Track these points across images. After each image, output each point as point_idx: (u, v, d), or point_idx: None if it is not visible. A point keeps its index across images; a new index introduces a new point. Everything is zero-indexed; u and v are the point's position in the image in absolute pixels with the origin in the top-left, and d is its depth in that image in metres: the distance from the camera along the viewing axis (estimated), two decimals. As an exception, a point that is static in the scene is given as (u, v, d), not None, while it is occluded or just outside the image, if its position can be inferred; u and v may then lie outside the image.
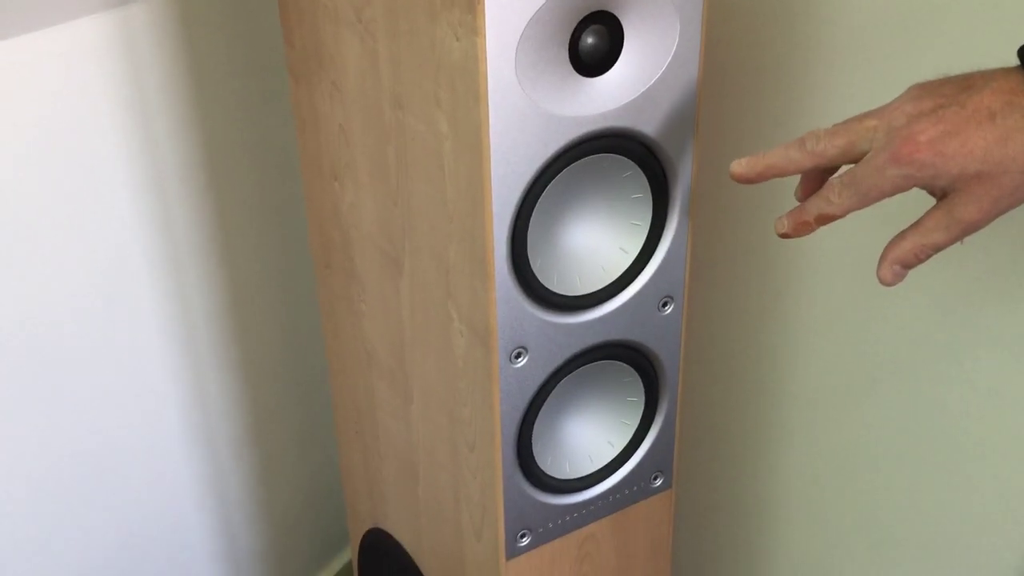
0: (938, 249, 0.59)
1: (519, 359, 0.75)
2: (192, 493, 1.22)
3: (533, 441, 0.79)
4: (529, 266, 0.72)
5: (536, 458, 0.80)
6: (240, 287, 1.18)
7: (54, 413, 1.02)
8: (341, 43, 0.82)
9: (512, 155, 0.67)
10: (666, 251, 0.78)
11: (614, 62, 0.68)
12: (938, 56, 0.80)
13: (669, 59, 0.70)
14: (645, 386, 0.84)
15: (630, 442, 0.86)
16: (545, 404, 0.79)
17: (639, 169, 0.74)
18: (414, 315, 0.85)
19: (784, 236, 0.65)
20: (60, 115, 0.94)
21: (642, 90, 0.70)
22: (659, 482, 0.89)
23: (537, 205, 0.70)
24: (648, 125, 0.71)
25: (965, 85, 0.56)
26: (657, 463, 0.88)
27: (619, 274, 0.77)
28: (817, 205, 0.62)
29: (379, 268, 0.89)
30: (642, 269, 0.78)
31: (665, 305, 0.80)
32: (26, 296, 0.96)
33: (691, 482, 1.21)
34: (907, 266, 0.61)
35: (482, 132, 0.66)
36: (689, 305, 0.82)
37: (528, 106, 0.66)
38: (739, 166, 0.64)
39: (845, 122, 0.61)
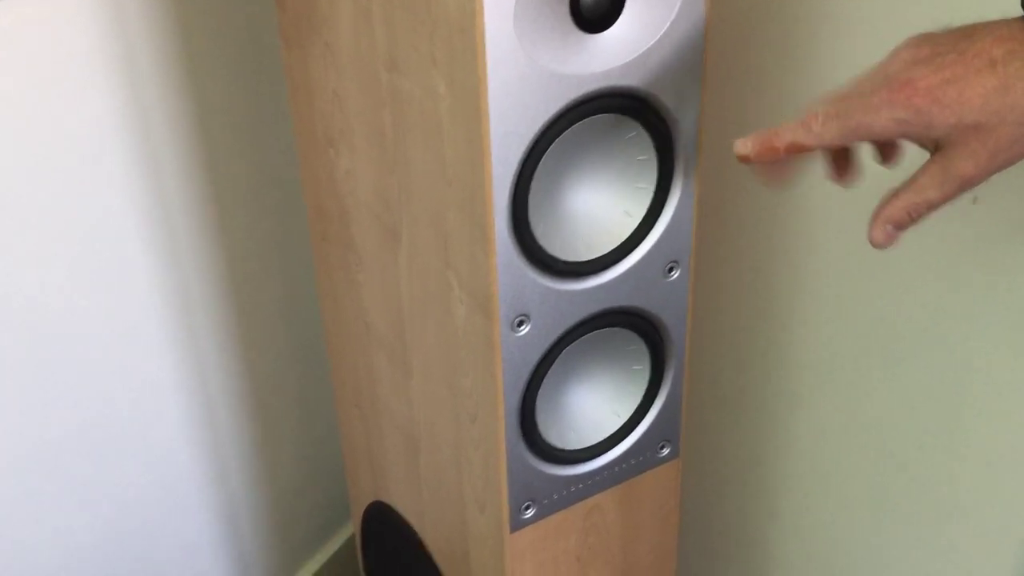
0: (932, 208, 0.57)
1: (521, 327, 0.73)
2: (192, 469, 1.20)
3: (536, 411, 0.78)
4: (531, 231, 0.70)
5: (540, 428, 0.79)
6: (236, 259, 1.16)
7: (50, 390, 1.00)
8: (334, 4, 0.79)
9: (512, 115, 0.65)
10: (671, 215, 0.75)
11: (617, 17, 0.65)
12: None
13: (674, 14, 0.67)
14: (651, 354, 0.82)
15: (636, 411, 0.84)
16: (548, 373, 0.77)
17: (643, 130, 0.71)
18: (413, 285, 0.83)
19: (743, 160, 0.61)
20: (46, 81, 0.91)
21: (646, 47, 0.67)
22: (666, 451, 0.88)
23: (539, 168, 0.68)
24: (653, 83, 0.69)
25: (966, 34, 0.55)
26: (664, 432, 0.86)
27: (624, 239, 0.75)
28: (793, 132, 0.58)
29: (376, 238, 0.87)
30: (647, 233, 0.76)
31: (671, 270, 0.78)
32: (17, 276, 0.94)
33: (698, 451, 1.19)
34: (900, 226, 0.58)
35: (480, 92, 0.64)
36: (696, 270, 0.80)
37: (528, 64, 0.63)
38: (744, 147, 0.61)
39: (844, 95, 0.58)
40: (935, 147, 0.56)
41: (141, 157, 1.01)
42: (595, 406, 0.83)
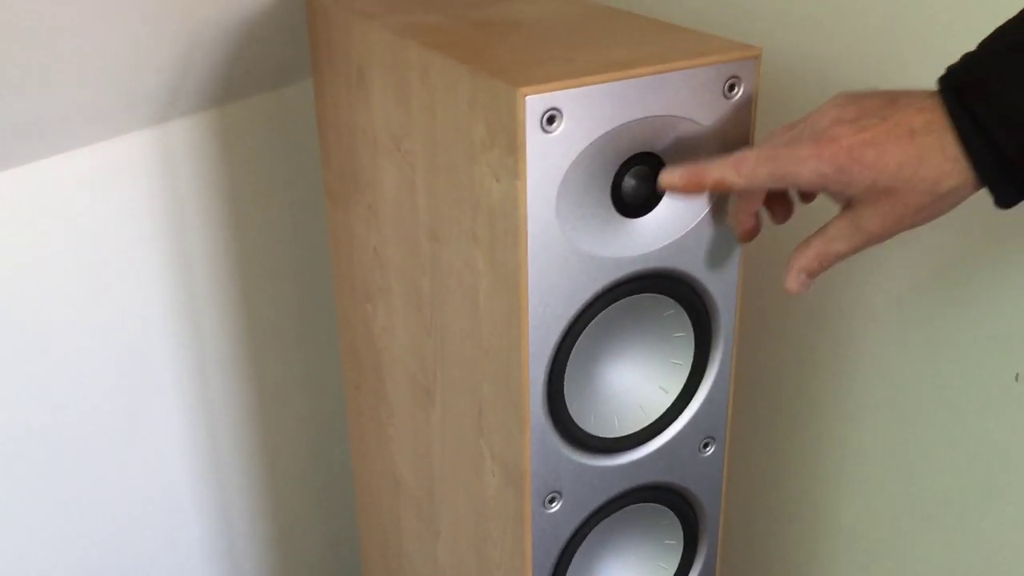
0: (840, 258, 0.61)
1: (553, 504, 0.72)
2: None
3: (566, 588, 0.76)
4: (566, 408, 0.69)
5: (569, 605, 0.76)
6: (268, 403, 1.16)
7: (71, 521, 1.00)
8: (379, 170, 0.81)
9: (550, 296, 0.65)
10: (708, 391, 0.75)
11: (657, 203, 0.66)
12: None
13: (714, 199, 0.68)
14: (684, 529, 0.80)
15: (668, 587, 0.82)
16: (579, 550, 0.75)
17: (681, 308, 0.71)
18: (445, 448, 0.83)
19: (669, 187, 0.64)
20: (99, 231, 0.93)
21: (685, 230, 0.68)
22: (697, 628, 0.85)
23: (575, 346, 0.68)
24: (691, 264, 0.69)
25: (890, 100, 0.57)
26: (696, 608, 0.83)
27: (659, 415, 0.74)
28: (722, 170, 0.61)
29: (410, 395, 0.87)
30: (683, 409, 0.75)
31: (706, 446, 0.77)
32: (56, 402, 0.94)
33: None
34: (812, 274, 0.62)
35: (521, 273, 0.64)
36: (731, 445, 0.79)
37: (568, 248, 0.64)
38: (671, 174, 0.64)
39: (772, 142, 0.61)
40: (846, 203, 0.59)
41: (182, 302, 1.03)
42: (626, 581, 0.81)
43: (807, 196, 0.68)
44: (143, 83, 0.87)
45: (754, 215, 0.67)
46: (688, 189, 0.63)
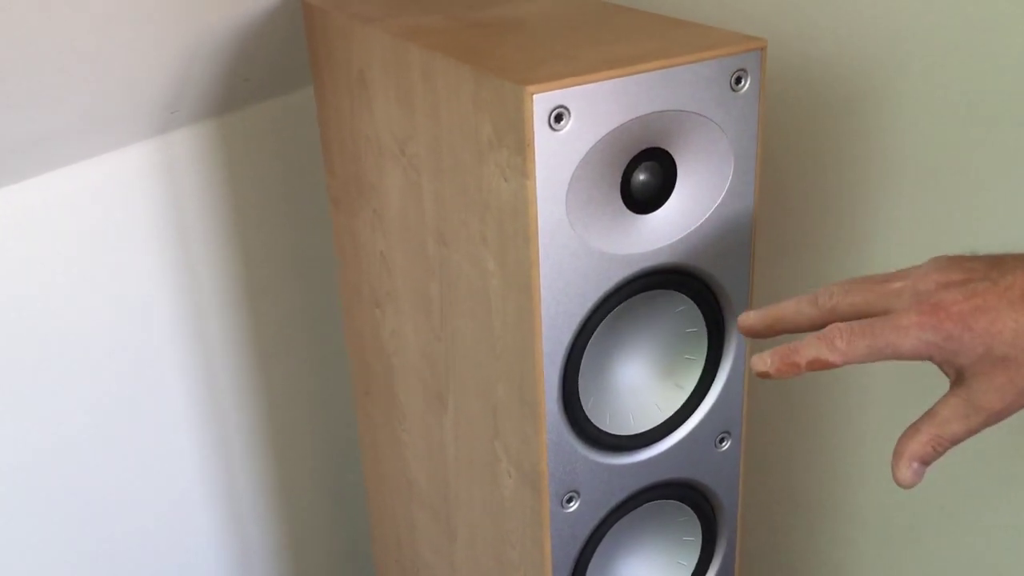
0: (956, 441, 0.54)
1: (571, 503, 0.71)
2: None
3: (586, 588, 0.75)
4: (581, 407, 0.69)
5: (589, 605, 0.76)
6: (277, 410, 1.15)
7: (80, 531, 0.99)
8: (384, 174, 0.81)
9: (563, 295, 0.65)
10: (723, 386, 0.74)
11: (667, 198, 0.66)
12: (995, 200, 0.78)
13: (724, 193, 0.67)
14: (702, 525, 0.79)
15: (687, 584, 0.81)
16: (598, 549, 0.74)
17: (693, 304, 0.71)
18: (459, 451, 0.82)
19: (763, 376, 0.58)
20: (103, 243, 0.93)
21: (696, 225, 0.67)
22: (718, 624, 0.84)
23: (589, 344, 0.67)
24: (702, 260, 0.69)
25: (996, 263, 0.53)
26: (716, 604, 0.83)
27: (674, 411, 0.74)
28: (816, 348, 0.55)
29: (422, 399, 0.87)
30: (698, 405, 0.74)
31: (722, 441, 0.76)
32: (64, 414, 0.94)
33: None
34: (925, 462, 0.55)
35: (532, 273, 0.64)
36: (747, 439, 0.78)
37: (579, 246, 0.64)
38: (747, 318, 0.60)
39: (863, 280, 0.57)
40: (956, 376, 0.53)
41: (187, 311, 1.02)
42: (645, 578, 0.81)
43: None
44: (143, 92, 0.87)
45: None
46: (782, 374, 0.57)
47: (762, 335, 0.60)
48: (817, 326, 0.58)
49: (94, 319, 0.94)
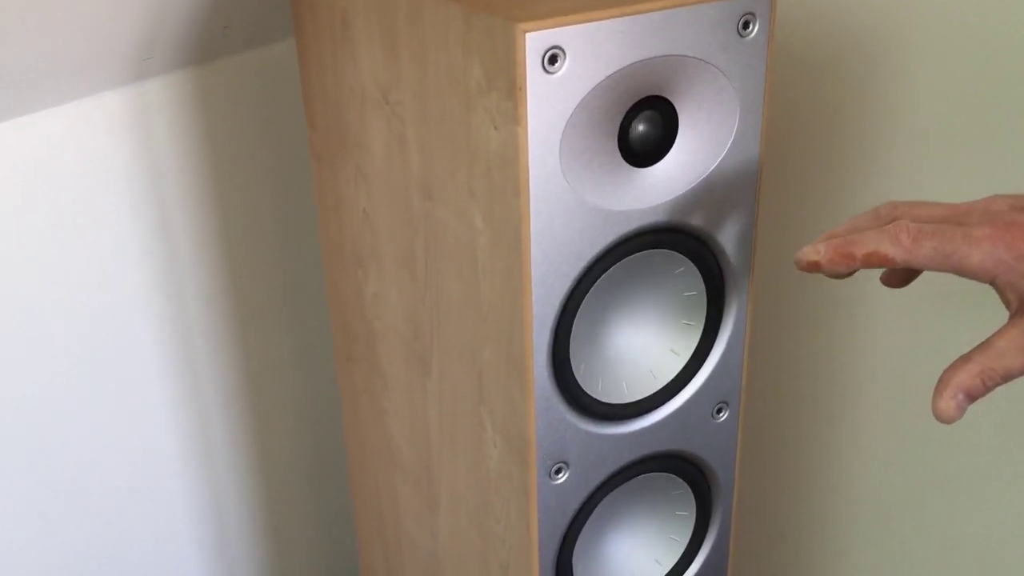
0: (1010, 377, 0.50)
1: (559, 475, 0.68)
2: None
3: (574, 563, 0.72)
4: (572, 373, 0.65)
5: (576, 580, 0.73)
6: (256, 374, 1.11)
7: (56, 512, 0.96)
8: (367, 125, 0.76)
9: (555, 253, 0.61)
10: (721, 353, 0.71)
11: (667, 151, 0.62)
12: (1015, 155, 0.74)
13: (727, 147, 0.63)
14: (696, 499, 0.76)
15: (681, 559, 0.78)
16: (587, 522, 0.71)
17: (693, 265, 0.67)
18: (442, 418, 0.78)
19: (811, 266, 0.54)
20: (71, 195, 0.89)
21: (697, 181, 0.63)
22: (710, 602, 0.81)
23: (581, 306, 0.63)
24: (703, 219, 0.65)
25: None
26: (708, 582, 0.80)
27: (670, 379, 0.70)
28: (877, 241, 0.51)
29: (405, 364, 0.83)
30: (695, 373, 0.71)
31: (719, 412, 0.73)
32: (30, 373, 0.90)
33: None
34: (972, 396, 0.50)
35: (522, 228, 0.60)
36: (745, 411, 0.75)
37: (573, 200, 0.60)
38: (815, 253, 0.54)
39: (928, 202, 0.54)
40: (1018, 304, 0.50)
41: (163, 269, 0.98)
42: (635, 554, 0.77)
43: (903, 279, 0.61)
44: (115, 33, 0.82)
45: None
46: (834, 264, 0.53)
47: (825, 268, 0.54)
48: (895, 265, 0.53)
49: (63, 275, 0.90)
